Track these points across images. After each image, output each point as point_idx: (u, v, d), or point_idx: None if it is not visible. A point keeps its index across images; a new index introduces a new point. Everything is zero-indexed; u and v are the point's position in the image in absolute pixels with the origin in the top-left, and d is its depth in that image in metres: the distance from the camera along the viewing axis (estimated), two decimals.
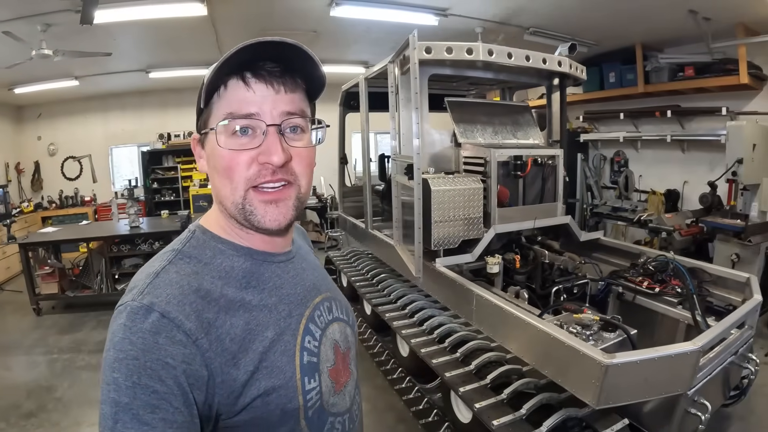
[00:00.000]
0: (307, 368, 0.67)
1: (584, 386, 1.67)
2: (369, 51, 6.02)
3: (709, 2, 3.54)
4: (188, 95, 7.08)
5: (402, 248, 2.92)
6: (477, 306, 2.26)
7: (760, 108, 4.21)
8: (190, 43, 4.91)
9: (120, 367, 0.53)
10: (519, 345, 2.01)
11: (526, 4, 4.13)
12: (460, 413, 2.49)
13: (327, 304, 0.78)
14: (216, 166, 0.65)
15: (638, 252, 3.13)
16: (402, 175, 2.78)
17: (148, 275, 0.61)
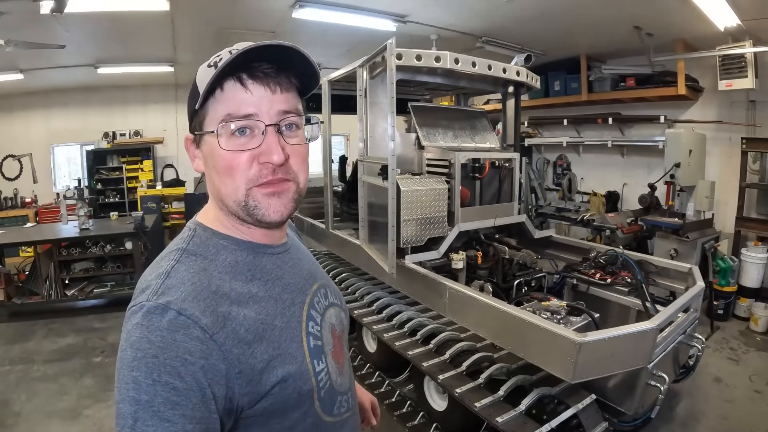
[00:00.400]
0: (315, 352, 0.71)
1: (560, 364, 1.80)
2: (322, 54, 6.05)
3: (652, 20, 3.89)
4: (134, 93, 6.89)
5: (369, 247, 2.96)
6: (450, 299, 2.35)
7: (696, 117, 4.67)
8: (145, 38, 4.72)
9: (139, 366, 0.54)
10: (493, 332, 2.12)
11: (480, 15, 4.34)
12: (434, 402, 2.59)
13: (323, 290, 0.81)
14: (216, 166, 0.66)
15: (588, 248, 3.37)
16: (372, 176, 2.83)
17: (158, 275, 0.62)
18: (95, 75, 5.64)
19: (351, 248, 3.43)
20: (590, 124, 5.90)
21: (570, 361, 1.77)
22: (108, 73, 5.64)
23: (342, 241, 3.60)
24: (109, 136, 6.81)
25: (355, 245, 3.29)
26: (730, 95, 4.20)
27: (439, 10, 4.27)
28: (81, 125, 6.80)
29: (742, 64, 3.71)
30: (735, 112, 4.35)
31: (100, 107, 6.85)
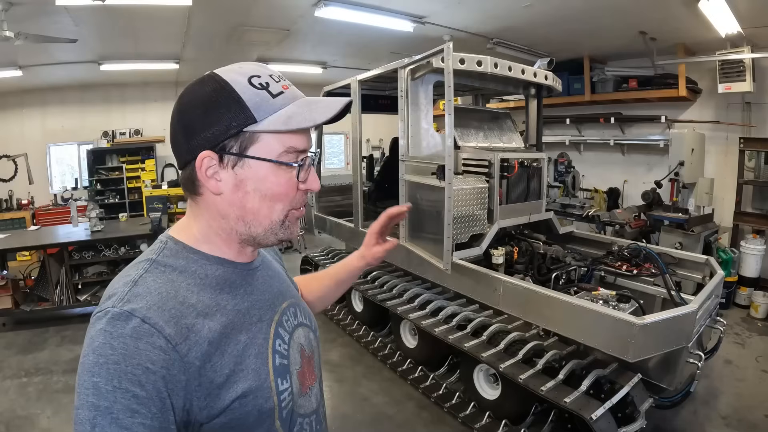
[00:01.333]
0: (279, 370, 0.72)
1: (619, 345, 2.05)
2: (332, 52, 6.22)
3: (656, 25, 4.23)
4: (133, 91, 6.83)
5: (413, 245, 3.15)
6: (504, 291, 2.58)
7: (694, 117, 5.08)
8: (156, 34, 4.74)
9: (100, 372, 0.55)
10: (552, 321, 2.36)
11: (496, 18, 4.59)
12: (484, 392, 2.80)
13: (293, 309, 0.83)
14: (263, 191, 0.69)
15: (610, 242, 3.66)
16: (416, 175, 3.02)
17: (126, 283, 0.64)
18: (96, 72, 5.59)
19: None
20: (591, 123, 6.27)
21: (630, 342, 2.03)
22: (111, 70, 5.59)
23: None
24: (109, 135, 6.71)
25: None
26: (727, 97, 4.62)
27: (458, 13, 4.49)
28: (78, 124, 6.69)
29: (741, 69, 4.11)
30: (731, 113, 4.78)
31: (97, 105, 6.76)
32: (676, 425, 2.78)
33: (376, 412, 2.96)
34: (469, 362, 2.85)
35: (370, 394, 3.17)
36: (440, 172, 2.61)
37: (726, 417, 2.85)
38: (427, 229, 2.99)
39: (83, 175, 6.75)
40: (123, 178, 6.75)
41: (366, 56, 6.56)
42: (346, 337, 4.04)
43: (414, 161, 3.10)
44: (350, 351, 3.81)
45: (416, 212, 3.13)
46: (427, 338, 3.21)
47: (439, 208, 2.76)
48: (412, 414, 2.94)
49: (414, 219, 3.16)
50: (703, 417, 2.87)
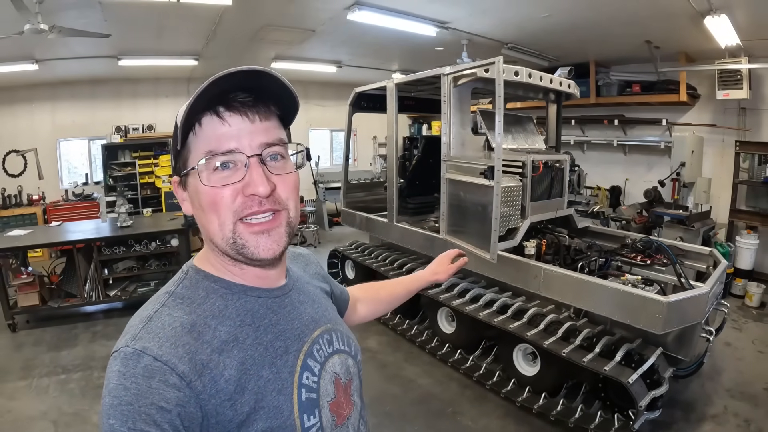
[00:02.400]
0: (306, 405, 0.71)
1: (650, 321, 2.54)
2: (349, 53, 6.59)
3: (661, 35, 4.78)
4: (145, 86, 7.11)
5: (456, 239, 3.58)
6: (544, 278, 3.04)
7: (692, 120, 5.68)
8: (182, 31, 5.00)
9: (115, 414, 0.56)
10: (590, 302, 2.84)
11: (515, 25, 5.07)
12: (523, 369, 3.26)
13: (327, 336, 0.81)
14: (201, 203, 0.69)
15: (623, 236, 4.18)
16: (458, 174, 3.46)
17: (141, 320, 0.66)
18: (113, 67, 5.80)
19: (422, 239, 4.04)
20: (595, 124, 6.84)
21: (658, 318, 2.52)
22: (128, 66, 5.81)
23: (410, 233, 4.21)
24: (122, 131, 6.89)
25: (428, 236, 3.93)
26: (723, 102, 5.21)
27: (480, 20, 4.94)
28: (89, 119, 6.85)
29: (738, 77, 4.70)
30: (727, 117, 5.39)
31: (109, 100, 6.94)
32: (687, 396, 3.30)
33: (424, 392, 3.38)
34: (509, 343, 3.30)
35: (414, 376, 3.59)
36: (489, 172, 3.05)
37: (729, 390, 3.39)
38: (470, 224, 3.43)
39: (94, 170, 6.91)
40: (136, 173, 6.95)
41: (381, 57, 6.98)
42: (380, 326, 4.44)
43: (456, 161, 3.53)
44: (387, 338, 4.22)
45: (458, 208, 3.56)
46: (466, 323, 3.66)
47: (483, 205, 3.20)
48: (456, 393, 3.38)
49: (455, 214, 3.60)
50: (710, 389, 3.40)
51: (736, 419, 3.07)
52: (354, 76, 7.48)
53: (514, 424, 3.02)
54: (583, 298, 2.89)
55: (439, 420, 3.06)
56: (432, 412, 3.14)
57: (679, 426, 3.00)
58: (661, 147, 5.99)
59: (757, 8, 3.78)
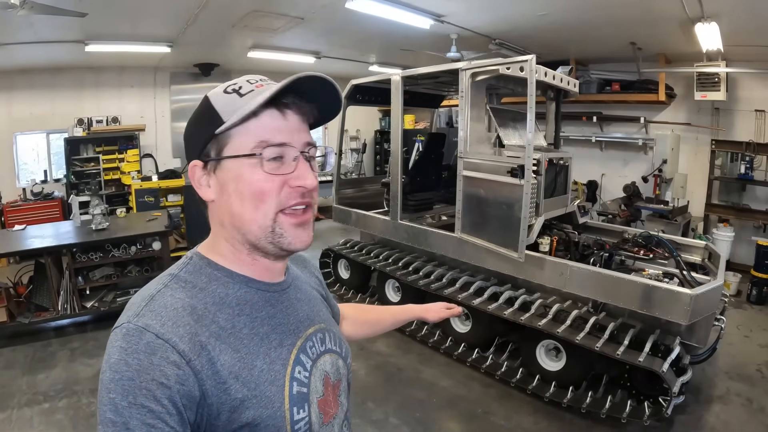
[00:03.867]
0: (297, 398, 0.75)
1: (678, 312, 2.79)
2: (331, 43, 6.55)
3: (647, 38, 5.17)
4: (109, 75, 6.79)
5: (474, 238, 3.69)
6: (570, 274, 3.22)
7: (668, 119, 6.17)
8: (160, 14, 4.75)
9: (116, 388, 0.60)
10: (616, 296, 3.05)
11: (508, 22, 5.27)
12: (546, 364, 3.43)
13: (320, 335, 0.86)
14: (242, 191, 0.72)
15: (621, 230, 4.49)
16: (474, 171, 3.58)
17: (143, 298, 0.69)
18: (77, 53, 5.39)
19: (434, 238, 4.13)
20: (573, 120, 7.24)
21: (686, 309, 2.78)
22: (95, 52, 5.41)
23: (418, 231, 4.28)
24: (85, 123, 6.38)
25: (441, 235, 4.03)
26: (698, 102, 5.72)
27: (476, 15, 5.09)
28: (48, 111, 6.32)
29: (716, 80, 5.18)
30: (701, 117, 5.92)
31: (69, 91, 6.46)
32: (692, 380, 3.63)
33: (449, 395, 3.47)
34: (532, 340, 3.47)
35: (434, 378, 3.68)
36: (520, 171, 3.18)
37: (728, 372, 3.77)
38: (491, 222, 3.55)
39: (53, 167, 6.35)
40: (100, 170, 6.47)
41: (360, 49, 6.99)
42: None
43: (477, 158, 3.62)
44: (394, 340, 4.27)
45: (476, 206, 3.67)
46: (482, 322, 3.79)
47: (508, 203, 3.34)
48: (480, 392, 3.50)
49: (473, 213, 3.71)
50: (711, 373, 3.76)
51: (739, 399, 3.43)
52: (330, 68, 7.42)
53: (545, 419, 3.18)
54: (611, 293, 3.10)
55: (473, 422, 3.17)
56: (463, 415, 3.24)
57: (692, 408, 3.30)
58: (639, 144, 6.47)
59: (742, 17, 4.18)
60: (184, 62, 6.73)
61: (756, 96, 5.36)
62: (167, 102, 7.32)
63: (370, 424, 3.12)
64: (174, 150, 7.38)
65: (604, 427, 3.08)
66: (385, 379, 3.68)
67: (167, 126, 7.36)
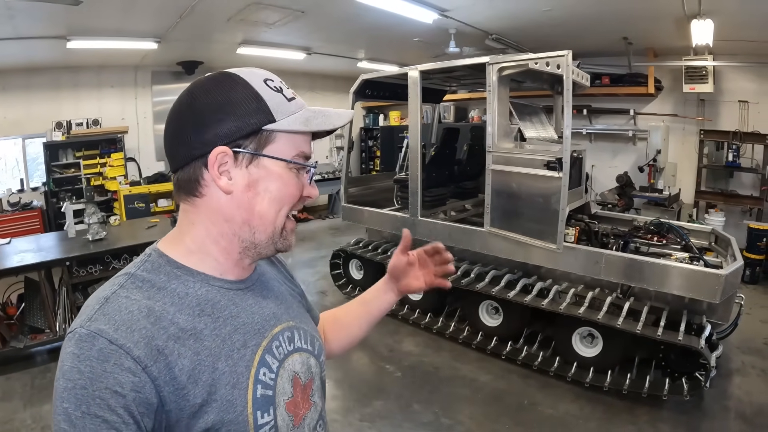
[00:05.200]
0: (261, 402, 0.74)
1: (709, 292, 3.13)
2: (325, 39, 6.60)
3: (640, 33, 5.59)
4: (87, 75, 6.70)
5: (506, 233, 3.88)
6: (605, 263, 3.49)
7: (656, 110, 6.67)
8: (152, 6, 4.65)
9: (69, 397, 0.60)
10: (651, 280, 3.35)
11: (510, 18, 5.54)
12: (583, 351, 3.69)
13: (288, 333, 0.85)
14: (272, 192, 0.76)
15: (631, 219, 4.85)
16: (505, 165, 3.77)
17: (97, 300, 0.68)
18: (56, 51, 5.16)
19: (460, 234, 4.32)
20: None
21: (717, 289, 3.11)
22: (78, 49, 5.20)
23: (442, 228, 4.45)
24: (63, 127, 6.07)
25: (468, 230, 4.23)
26: (684, 94, 6.23)
27: (481, 10, 5.32)
28: (23, 114, 5.99)
29: (704, 73, 5.67)
30: (687, 108, 6.44)
31: (45, 92, 6.17)
32: None
33: (492, 389, 3.65)
34: (568, 328, 3.71)
35: (472, 374, 3.85)
36: (558, 164, 3.40)
37: (739, 347, 4.18)
38: (525, 216, 3.76)
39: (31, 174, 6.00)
40: (81, 175, 6.20)
41: (352, 44, 7.09)
42: (409, 326, 4.62)
43: (508, 153, 3.82)
44: (422, 339, 4.42)
45: (507, 200, 3.87)
46: (514, 314, 4.01)
47: (544, 196, 3.56)
48: (521, 384, 3.71)
49: (504, 207, 3.90)
50: (725, 348, 4.12)
51: (754, 371, 3.86)
52: (319, 64, 7.48)
53: (589, 404, 3.43)
54: (645, 278, 3.39)
55: (522, 414, 3.37)
56: (512, 408, 3.43)
57: (715, 381, 3.61)
58: (629, 135, 6.93)
59: (734, 14, 4.62)
60: (168, 60, 6.58)
61: (739, 87, 5.92)
62: (149, 103, 7.14)
63: (422, 427, 3.24)
64: (157, 153, 7.20)
65: (644, 405, 3.36)
66: (423, 379, 3.81)
67: (149, 128, 7.17)
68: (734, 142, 5.74)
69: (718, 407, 3.42)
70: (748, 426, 3.23)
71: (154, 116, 7.21)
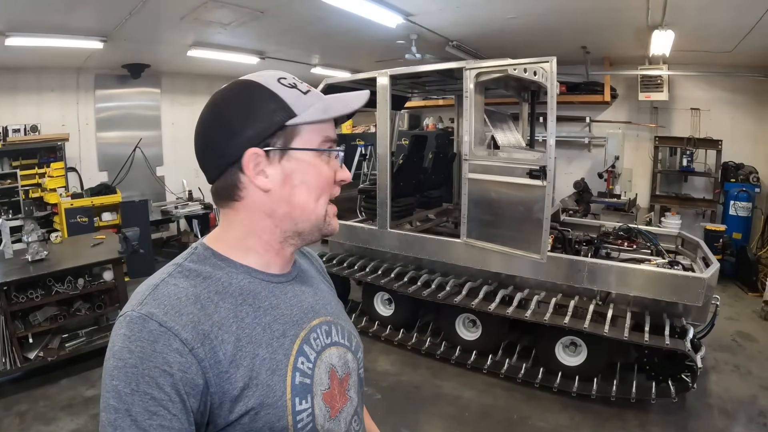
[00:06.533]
0: (299, 389, 0.76)
1: (691, 296, 3.15)
2: (279, 42, 6.32)
3: (595, 41, 5.71)
4: (25, 77, 6.17)
5: (484, 243, 3.76)
6: (588, 271, 3.44)
7: (610, 117, 6.85)
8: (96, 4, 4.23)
9: (119, 375, 0.63)
10: (635, 287, 3.34)
11: (474, 25, 5.50)
12: (565, 361, 3.61)
13: (326, 327, 0.88)
14: (309, 182, 0.80)
15: (598, 225, 4.89)
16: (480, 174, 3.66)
17: (148, 287, 0.72)
18: None
19: (433, 245, 4.16)
20: (516, 121, 7.73)
21: (701, 292, 3.13)
22: (17, 47, 4.64)
23: (414, 240, 4.27)
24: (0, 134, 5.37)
25: (442, 242, 4.10)
26: (638, 102, 6.44)
27: (446, 16, 5.23)
28: None
29: (659, 82, 5.87)
30: (641, 115, 6.66)
31: None
32: None
33: (478, 406, 3.50)
34: (551, 338, 3.62)
35: (455, 391, 3.67)
36: (542, 173, 3.31)
37: (710, 345, 4.22)
38: (506, 226, 3.64)
39: None
40: (18, 187, 5.49)
41: (308, 49, 6.86)
42: (381, 343, 4.39)
43: (487, 161, 3.69)
44: (397, 357, 4.20)
45: (486, 210, 3.74)
46: (492, 326, 3.89)
47: (526, 205, 3.45)
48: (507, 398, 3.58)
49: (482, 217, 3.77)
50: None
51: (727, 366, 3.98)
52: (278, 68, 7.15)
53: (579, 413, 3.36)
54: (629, 285, 3.36)
55: (513, 429, 3.24)
56: (502, 423, 3.30)
57: None
58: (584, 142, 7.09)
59: (695, 27, 4.79)
60: (112, 62, 6.04)
61: (691, 95, 6.19)
62: (92, 108, 6.53)
63: None
64: (100, 163, 6.62)
65: (631, 410, 3.35)
66: (405, 400, 3.59)
67: (92, 135, 6.53)
68: (688, 147, 5.97)
69: (700, 405, 3.47)
70: (731, 421, 3.32)
71: (97, 123, 6.64)
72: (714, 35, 5.00)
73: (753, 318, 4.94)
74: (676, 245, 4.48)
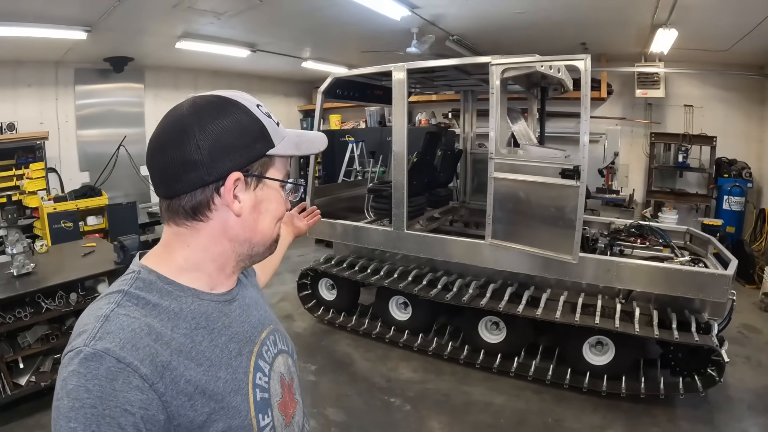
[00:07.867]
0: (261, 405, 0.79)
1: (716, 292, 3.29)
2: (272, 35, 6.16)
3: (598, 40, 5.81)
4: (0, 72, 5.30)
5: (510, 245, 3.76)
6: (617, 270, 3.50)
7: (605, 113, 7.01)
8: None
9: (77, 417, 0.60)
10: (660, 284, 3.43)
11: (478, 19, 5.52)
12: (593, 361, 3.67)
13: (272, 337, 0.92)
14: (272, 210, 0.84)
15: (608, 222, 4.99)
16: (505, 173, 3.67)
17: (97, 318, 0.69)
18: None
19: (457, 247, 4.14)
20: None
21: (724, 288, 3.25)
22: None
23: (434, 241, 4.23)
24: None
25: (467, 243, 4.08)
26: (632, 99, 6.61)
27: (453, 9, 5.21)
28: None
29: (656, 79, 6.04)
30: (635, 112, 6.85)
31: None
32: None
33: (512, 411, 3.52)
34: (578, 338, 3.67)
35: (485, 398, 3.68)
36: (576, 173, 3.33)
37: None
38: (535, 227, 3.64)
39: None
40: None
41: (300, 42, 6.71)
42: (399, 350, 4.36)
43: (514, 160, 3.69)
44: (418, 363, 4.18)
45: (513, 210, 3.74)
46: (518, 328, 3.91)
47: (558, 206, 3.48)
48: (537, 401, 3.63)
49: (509, 217, 3.76)
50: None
51: (738, 358, 4.14)
52: (263, 62, 7.00)
53: (610, 413, 3.45)
54: (654, 282, 3.46)
55: None
56: (540, 429, 3.34)
57: None
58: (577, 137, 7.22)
59: (700, 26, 4.93)
60: (94, 55, 5.71)
61: (685, 92, 6.42)
62: (72, 105, 6.18)
63: None
64: (81, 163, 6.28)
65: (659, 406, 3.46)
66: (436, 410, 3.58)
67: (72, 133, 6.19)
68: (683, 143, 6.18)
69: (722, 398, 3.61)
70: (754, 411, 3.48)
71: (78, 120, 6.30)
72: (713, 35, 5.19)
73: (753, 310, 5.18)
74: (685, 241, 4.63)
